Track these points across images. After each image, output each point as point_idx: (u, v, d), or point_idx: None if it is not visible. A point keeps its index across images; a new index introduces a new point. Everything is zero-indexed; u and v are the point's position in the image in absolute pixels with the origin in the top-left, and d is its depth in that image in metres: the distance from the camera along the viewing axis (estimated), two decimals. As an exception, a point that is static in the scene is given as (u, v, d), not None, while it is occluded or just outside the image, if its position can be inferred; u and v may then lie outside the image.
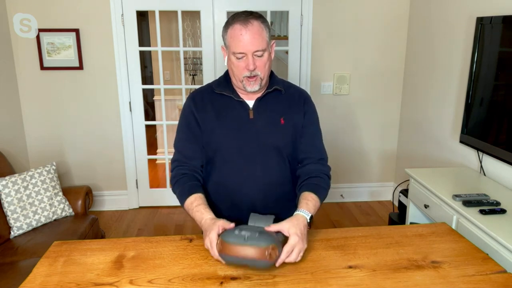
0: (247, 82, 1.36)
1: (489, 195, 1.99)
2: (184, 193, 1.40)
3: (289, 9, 3.33)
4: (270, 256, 1.09)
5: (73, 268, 1.20)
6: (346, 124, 3.59)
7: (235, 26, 1.31)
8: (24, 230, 2.41)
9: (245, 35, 1.29)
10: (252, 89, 1.37)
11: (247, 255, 1.08)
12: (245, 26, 1.30)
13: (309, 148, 1.48)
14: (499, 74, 2.09)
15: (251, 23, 1.30)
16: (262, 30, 1.32)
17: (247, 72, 1.34)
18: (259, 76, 1.36)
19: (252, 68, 1.32)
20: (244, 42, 1.30)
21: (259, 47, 1.31)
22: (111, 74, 3.32)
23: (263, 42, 1.32)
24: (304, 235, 1.23)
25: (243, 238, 1.10)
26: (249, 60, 1.32)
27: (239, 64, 1.34)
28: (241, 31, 1.30)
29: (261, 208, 1.44)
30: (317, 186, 1.41)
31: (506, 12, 2.17)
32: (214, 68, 3.40)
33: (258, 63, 1.34)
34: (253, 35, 1.30)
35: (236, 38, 1.31)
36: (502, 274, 1.18)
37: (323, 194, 1.41)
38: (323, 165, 1.48)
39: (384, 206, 3.65)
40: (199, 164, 1.48)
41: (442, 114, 2.86)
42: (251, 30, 1.30)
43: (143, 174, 3.59)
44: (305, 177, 1.45)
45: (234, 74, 1.38)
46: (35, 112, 3.35)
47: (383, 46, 3.43)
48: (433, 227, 1.46)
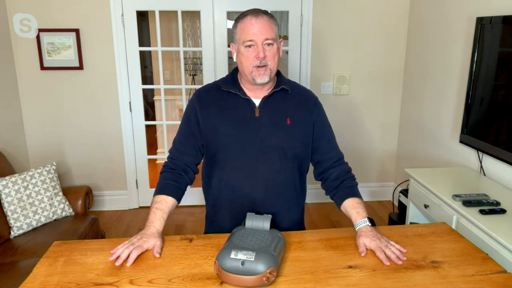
0: (257, 72, 1.36)
1: (489, 195, 1.99)
2: (157, 189, 1.43)
3: (289, 9, 3.33)
4: (268, 279, 1.09)
5: (73, 268, 1.20)
6: (346, 124, 3.59)
7: (246, 18, 1.36)
8: (24, 230, 2.41)
9: (255, 24, 1.34)
10: (261, 80, 1.37)
11: (245, 284, 1.09)
12: (255, 17, 1.34)
13: (328, 150, 1.52)
14: (499, 74, 2.09)
15: (261, 16, 1.35)
16: (271, 23, 1.36)
17: (257, 61, 1.35)
18: (269, 67, 1.36)
19: (262, 55, 1.34)
20: (254, 30, 1.33)
21: (268, 36, 1.34)
22: (111, 74, 3.32)
23: (272, 32, 1.36)
24: (377, 235, 1.30)
25: (240, 263, 1.10)
26: (259, 48, 1.34)
27: (248, 54, 1.35)
28: (251, 20, 1.34)
29: (262, 207, 1.44)
30: (352, 188, 1.47)
31: (506, 12, 2.17)
32: (214, 68, 3.40)
33: (268, 52, 1.35)
34: (263, 24, 1.34)
35: (247, 27, 1.34)
36: (502, 274, 1.18)
37: (358, 191, 1.47)
38: (344, 164, 1.53)
39: (384, 206, 3.65)
40: (191, 161, 1.49)
41: (442, 114, 2.86)
42: (261, 20, 1.34)
43: (143, 174, 3.59)
44: (336, 183, 1.48)
45: (243, 66, 1.38)
46: (35, 112, 3.35)
47: (383, 46, 3.43)
48: (433, 227, 1.46)
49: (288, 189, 1.49)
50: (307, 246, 1.32)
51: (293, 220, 1.54)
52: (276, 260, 1.13)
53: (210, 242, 1.35)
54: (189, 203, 3.65)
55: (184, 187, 1.47)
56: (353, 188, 1.47)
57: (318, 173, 1.54)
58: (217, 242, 1.35)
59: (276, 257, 1.13)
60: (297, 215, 1.56)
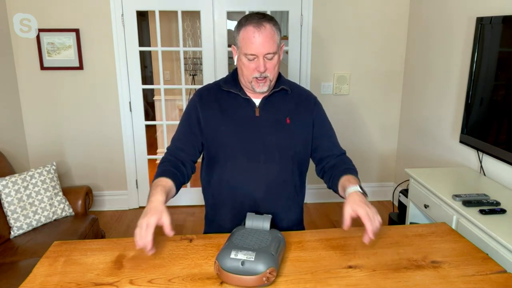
0: (256, 83, 1.38)
1: (489, 195, 1.99)
2: (157, 173, 1.39)
3: (289, 9, 3.33)
4: (268, 279, 1.09)
5: (73, 268, 1.20)
6: (346, 124, 3.58)
7: (248, 28, 1.33)
8: (24, 230, 2.41)
9: (257, 38, 1.32)
10: (260, 90, 1.40)
11: (245, 284, 1.09)
12: (258, 29, 1.32)
13: (330, 147, 1.52)
14: (499, 74, 2.09)
15: (264, 26, 1.33)
16: (274, 34, 1.34)
17: (257, 74, 1.36)
18: (269, 78, 1.38)
19: (262, 70, 1.34)
20: (256, 45, 1.32)
21: (270, 50, 1.33)
22: (111, 74, 3.32)
23: (274, 45, 1.34)
24: (366, 202, 1.23)
25: (240, 263, 1.10)
26: (260, 62, 1.34)
27: (249, 65, 1.36)
28: (254, 33, 1.32)
29: (262, 206, 1.45)
30: (348, 169, 1.43)
31: (506, 12, 2.17)
32: (214, 68, 3.40)
33: (268, 65, 1.36)
34: (265, 38, 1.32)
35: (249, 40, 1.33)
36: (502, 274, 1.17)
37: (356, 174, 1.42)
38: (345, 156, 1.53)
39: (384, 206, 3.65)
40: (187, 158, 1.47)
41: (442, 114, 2.86)
42: (264, 33, 1.32)
43: (143, 174, 3.59)
44: (332, 170, 1.46)
45: (243, 74, 1.40)
46: (35, 112, 3.35)
47: (383, 46, 3.43)
48: (433, 227, 1.46)
49: (288, 188, 1.49)
50: (307, 246, 1.32)
51: (292, 219, 1.55)
52: (276, 260, 1.13)
53: (210, 242, 1.35)
54: (189, 203, 3.65)
55: (182, 178, 1.42)
56: (349, 169, 1.43)
57: (320, 169, 1.54)
58: (217, 242, 1.35)
59: (276, 257, 1.13)
60: (296, 214, 1.56)
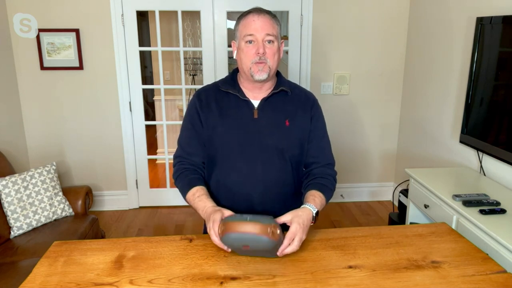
0: (255, 68, 1.36)
1: (489, 195, 1.99)
2: (186, 186, 1.43)
3: (289, 9, 3.33)
4: (272, 234, 1.10)
5: (73, 268, 1.20)
6: (346, 124, 3.58)
7: (248, 15, 1.38)
8: (24, 230, 2.41)
9: (257, 21, 1.35)
10: (259, 77, 1.37)
11: (249, 231, 1.09)
12: (258, 15, 1.36)
13: (317, 153, 1.50)
14: (499, 74, 2.09)
15: (264, 14, 1.37)
16: (273, 23, 1.38)
17: (256, 57, 1.35)
18: (268, 64, 1.37)
19: (261, 51, 1.34)
20: (256, 26, 1.35)
21: (269, 32, 1.35)
22: (111, 74, 3.32)
23: (274, 30, 1.37)
24: (306, 226, 1.25)
25: (245, 219, 1.12)
26: (259, 44, 1.35)
27: (248, 50, 1.36)
28: (253, 17, 1.36)
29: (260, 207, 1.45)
30: (323, 186, 1.43)
31: (506, 12, 2.17)
32: (214, 68, 3.40)
33: (268, 50, 1.36)
34: (265, 21, 1.36)
35: (248, 23, 1.36)
36: (502, 274, 1.18)
37: (329, 194, 1.44)
38: (330, 169, 1.51)
39: (384, 206, 3.65)
40: (200, 161, 1.50)
41: (442, 114, 2.86)
42: (264, 17, 1.36)
43: (143, 174, 3.59)
44: (311, 178, 1.46)
45: (243, 63, 1.39)
46: (35, 112, 3.35)
47: (383, 46, 3.43)
48: (433, 227, 1.46)
49: (287, 190, 1.49)
50: (307, 246, 1.32)
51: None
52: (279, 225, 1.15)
53: (210, 242, 1.34)
54: (189, 203, 3.65)
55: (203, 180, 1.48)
56: (325, 187, 1.43)
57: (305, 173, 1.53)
58: (217, 242, 1.35)
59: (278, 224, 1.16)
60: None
